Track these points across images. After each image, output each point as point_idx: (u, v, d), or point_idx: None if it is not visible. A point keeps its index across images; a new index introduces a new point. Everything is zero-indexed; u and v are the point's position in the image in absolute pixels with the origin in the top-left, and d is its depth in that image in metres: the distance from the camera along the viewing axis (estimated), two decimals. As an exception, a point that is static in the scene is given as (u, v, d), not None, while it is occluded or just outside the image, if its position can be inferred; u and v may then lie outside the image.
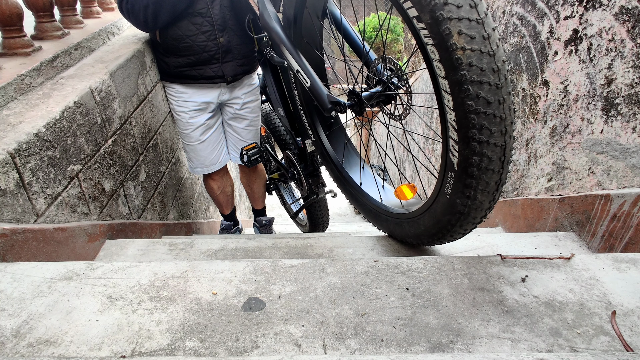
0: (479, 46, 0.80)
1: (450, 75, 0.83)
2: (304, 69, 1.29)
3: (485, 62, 0.80)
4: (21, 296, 0.85)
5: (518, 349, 0.71)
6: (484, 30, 0.80)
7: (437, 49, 0.83)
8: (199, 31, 1.76)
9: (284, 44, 1.34)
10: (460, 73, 0.80)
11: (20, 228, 1.08)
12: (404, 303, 0.82)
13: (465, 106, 0.82)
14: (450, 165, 0.92)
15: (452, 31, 0.79)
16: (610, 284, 0.85)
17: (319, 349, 0.73)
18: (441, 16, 0.79)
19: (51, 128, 1.22)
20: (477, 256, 0.96)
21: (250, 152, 2.04)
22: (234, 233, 2.58)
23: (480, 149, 0.85)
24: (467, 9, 0.80)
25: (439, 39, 0.81)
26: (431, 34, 0.82)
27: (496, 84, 0.81)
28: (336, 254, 1.38)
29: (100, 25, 2.03)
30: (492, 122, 0.83)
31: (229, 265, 0.95)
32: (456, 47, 0.80)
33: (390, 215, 1.33)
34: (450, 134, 0.89)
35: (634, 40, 1.10)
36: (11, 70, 1.37)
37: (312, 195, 2.13)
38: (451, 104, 0.85)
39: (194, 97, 1.97)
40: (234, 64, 1.90)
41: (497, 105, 0.82)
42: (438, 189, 1.00)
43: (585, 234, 1.32)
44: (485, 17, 0.81)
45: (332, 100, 1.20)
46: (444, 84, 0.85)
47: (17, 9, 1.45)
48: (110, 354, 0.73)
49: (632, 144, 1.13)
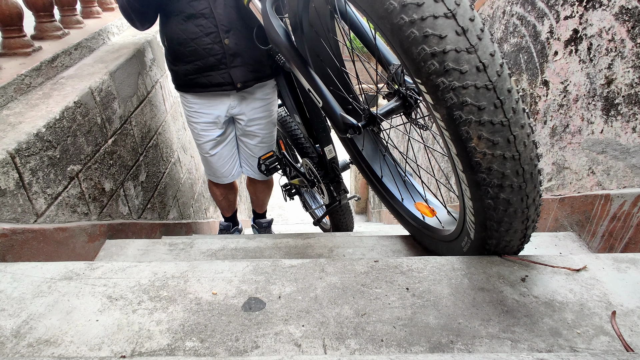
0: (502, 151, 0.71)
1: (468, 173, 0.77)
2: (316, 88, 1.17)
3: (509, 166, 0.73)
4: (21, 296, 0.85)
5: (518, 349, 0.71)
6: (510, 133, 0.71)
7: (454, 145, 0.75)
8: (203, 33, 1.66)
9: (293, 61, 1.22)
10: (479, 175, 0.74)
11: (20, 228, 1.08)
12: (404, 303, 0.82)
13: (484, 203, 0.78)
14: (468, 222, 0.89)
15: (471, 135, 0.71)
16: (610, 284, 0.85)
17: (319, 349, 0.73)
18: (459, 117, 0.71)
19: (51, 128, 1.22)
20: (477, 256, 0.96)
21: (268, 162, 1.95)
22: (233, 233, 2.58)
23: (499, 234, 0.81)
24: (490, 110, 0.70)
25: (456, 137, 0.74)
26: (448, 129, 0.74)
27: (520, 185, 0.75)
28: (336, 254, 1.38)
29: (100, 25, 2.03)
30: (514, 217, 0.79)
31: (229, 265, 0.95)
32: (475, 151, 0.72)
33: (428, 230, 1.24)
34: (467, 206, 0.84)
35: (634, 40, 1.10)
36: (11, 70, 1.37)
37: (334, 202, 2.03)
38: (469, 194, 0.80)
39: (204, 109, 1.87)
40: (243, 69, 1.76)
41: (519, 202, 0.77)
42: (459, 232, 0.97)
43: (585, 234, 1.32)
44: (513, 115, 0.71)
45: (346, 122, 1.10)
46: (461, 176, 0.79)
47: (17, 8, 1.45)
48: (110, 354, 0.73)
49: (632, 144, 1.13)
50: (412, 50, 0.70)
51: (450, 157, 0.83)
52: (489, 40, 0.70)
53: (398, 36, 0.71)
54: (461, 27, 0.68)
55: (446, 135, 0.77)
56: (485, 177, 0.75)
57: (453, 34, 0.68)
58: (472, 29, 0.69)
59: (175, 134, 2.48)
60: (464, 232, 0.96)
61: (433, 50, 0.68)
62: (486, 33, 0.70)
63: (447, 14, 0.68)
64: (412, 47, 0.70)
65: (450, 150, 0.79)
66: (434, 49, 0.68)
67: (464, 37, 0.68)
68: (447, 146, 0.80)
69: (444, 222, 1.19)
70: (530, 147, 0.74)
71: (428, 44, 0.68)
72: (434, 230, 1.20)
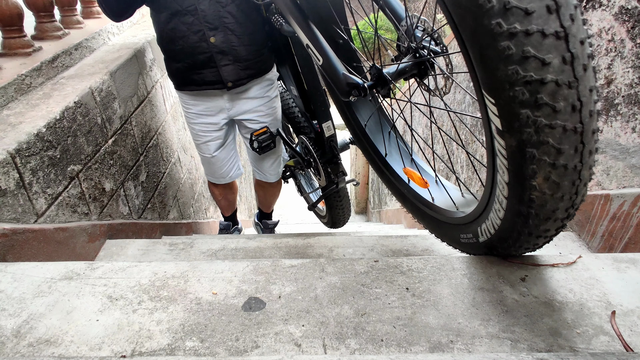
0: (563, 193, 0.65)
1: (513, 203, 0.70)
2: (315, 43, 1.04)
3: (562, 206, 0.67)
4: (22, 296, 0.85)
5: (518, 349, 0.72)
6: (578, 177, 0.63)
7: (508, 173, 0.67)
8: (189, 31, 1.60)
9: (290, 11, 1.10)
10: (527, 209, 0.69)
11: (20, 228, 1.08)
12: (404, 303, 0.82)
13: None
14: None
15: (538, 175, 0.63)
16: (610, 283, 0.85)
17: (319, 349, 0.73)
18: (532, 155, 0.61)
19: (51, 128, 1.22)
20: (477, 256, 0.97)
21: (261, 138, 1.79)
22: (232, 233, 2.58)
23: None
24: (570, 154, 0.60)
25: (516, 169, 0.65)
26: (510, 159, 0.65)
27: (563, 218, 0.70)
28: (336, 254, 1.38)
29: (101, 25, 2.03)
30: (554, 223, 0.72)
31: (229, 265, 0.95)
32: (535, 189, 0.65)
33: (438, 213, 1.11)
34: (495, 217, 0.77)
35: (634, 41, 1.10)
36: (11, 71, 1.37)
37: (331, 185, 1.86)
38: (506, 217, 0.75)
39: (201, 111, 1.83)
40: (234, 67, 1.69)
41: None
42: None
43: (584, 233, 1.32)
44: (588, 159, 0.62)
45: (350, 82, 0.95)
46: (502, 201, 0.72)
47: (18, 9, 1.45)
48: (111, 353, 0.73)
49: (631, 144, 1.13)
50: (499, 67, 0.57)
51: (491, 178, 0.76)
52: (592, 71, 0.58)
53: (484, 43, 0.57)
54: (570, 53, 0.55)
55: (501, 160, 0.68)
56: (534, 212, 0.68)
57: (559, 61, 0.55)
58: (581, 56, 0.56)
59: (176, 134, 2.49)
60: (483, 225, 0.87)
61: (529, 77, 0.55)
62: (591, 61, 0.58)
63: (558, 33, 0.54)
64: (500, 64, 0.57)
65: (497, 171, 0.72)
66: (530, 75, 0.55)
67: (569, 67, 0.56)
68: (493, 165, 0.72)
69: (459, 204, 1.06)
70: (585, 190, 0.68)
71: (525, 67, 0.55)
72: (446, 213, 1.06)
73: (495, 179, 0.75)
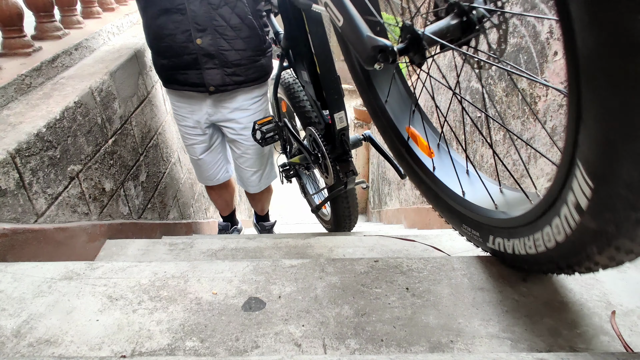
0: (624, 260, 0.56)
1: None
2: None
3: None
4: (21, 296, 0.85)
5: (518, 349, 0.72)
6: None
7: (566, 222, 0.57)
8: (177, 30, 1.57)
9: None
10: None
11: (20, 228, 1.08)
12: (404, 303, 0.82)
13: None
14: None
15: (607, 247, 0.54)
16: (609, 283, 0.85)
17: (319, 349, 0.73)
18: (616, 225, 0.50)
19: (51, 128, 1.22)
20: (477, 256, 0.97)
21: (265, 128, 1.63)
22: (232, 233, 2.58)
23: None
24: None
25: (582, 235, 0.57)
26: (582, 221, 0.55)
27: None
28: (336, 254, 1.38)
29: (101, 25, 2.04)
30: None
31: (229, 265, 0.95)
32: (590, 262, 0.58)
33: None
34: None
35: (634, 41, 1.10)
36: (11, 71, 1.37)
37: (339, 185, 1.66)
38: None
39: (185, 112, 1.82)
40: (219, 72, 1.64)
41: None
42: None
43: (585, 234, 1.32)
44: None
45: (376, 45, 0.76)
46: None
47: (18, 9, 1.45)
48: (111, 353, 0.73)
49: None
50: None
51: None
52: None
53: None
54: None
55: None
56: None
57: None
58: None
59: (176, 134, 2.49)
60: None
61: None
62: None
63: None
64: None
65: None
66: None
67: None
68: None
69: (499, 202, 0.88)
70: None
71: None
72: (483, 212, 0.88)
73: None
